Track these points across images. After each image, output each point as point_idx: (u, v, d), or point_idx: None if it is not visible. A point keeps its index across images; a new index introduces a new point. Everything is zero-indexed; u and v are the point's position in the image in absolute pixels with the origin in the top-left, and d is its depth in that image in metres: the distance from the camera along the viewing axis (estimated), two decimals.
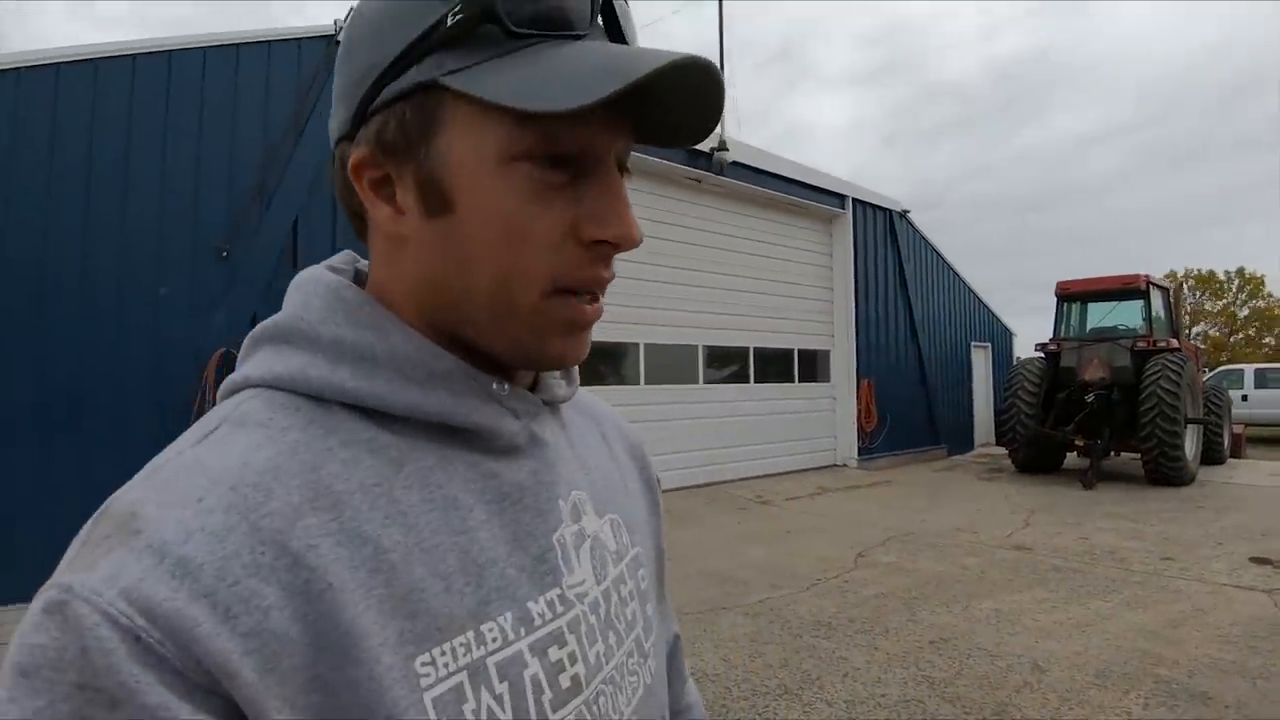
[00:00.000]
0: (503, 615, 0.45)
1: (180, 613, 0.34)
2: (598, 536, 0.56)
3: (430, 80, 0.44)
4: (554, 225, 0.45)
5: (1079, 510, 8.19)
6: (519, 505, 0.50)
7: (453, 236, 0.46)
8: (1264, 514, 7.84)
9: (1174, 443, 9.48)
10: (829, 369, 12.13)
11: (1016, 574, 5.56)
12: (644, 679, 0.57)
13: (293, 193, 5.93)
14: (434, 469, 0.46)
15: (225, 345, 5.50)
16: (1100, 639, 4.16)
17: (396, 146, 0.46)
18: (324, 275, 0.51)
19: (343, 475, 0.43)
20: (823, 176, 11.67)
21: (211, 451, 0.41)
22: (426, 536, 0.44)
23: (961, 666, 3.83)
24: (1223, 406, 12.07)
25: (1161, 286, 11.86)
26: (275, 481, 0.40)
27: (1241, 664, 3.78)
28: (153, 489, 0.39)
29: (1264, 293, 42.32)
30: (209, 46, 5.58)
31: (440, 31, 0.43)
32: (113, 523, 0.38)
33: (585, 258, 0.47)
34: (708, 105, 0.47)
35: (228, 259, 5.60)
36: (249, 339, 0.50)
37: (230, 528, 0.37)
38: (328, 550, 0.39)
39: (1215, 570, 5.60)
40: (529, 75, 0.42)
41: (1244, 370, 18.70)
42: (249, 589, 0.36)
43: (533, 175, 0.44)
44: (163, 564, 0.35)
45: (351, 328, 0.47)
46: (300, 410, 0.45)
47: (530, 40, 0.43)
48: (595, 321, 0.50)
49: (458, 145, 0.44)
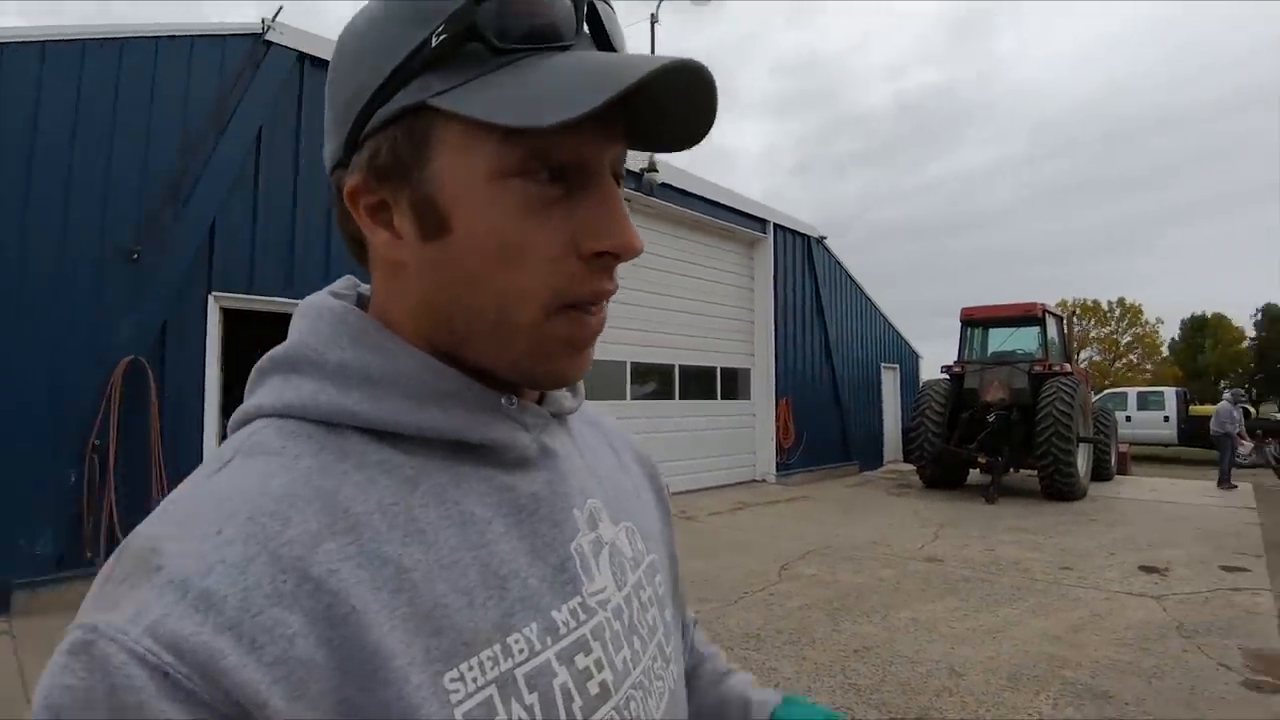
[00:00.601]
0: (528, 626, 0.45)
1: (206, 646, 0.34)
2: (615, 544, 0.56)
3: (418, 103, 0.43)
4: (552, 240, 0.45)
5: (983, 524, 8.61)
6: (535, 516, 0.50)
7: (450, 258, 0.45)
8: (1149, 526, 8.44)
9: (1068, 460, 10.12)
10: (749, 387, 12.42)
11: (929, 584, 5.80)
12: (668, 684, 0.57)
13: (211, 193, 5.67)
14: (449, 486, 0.46)
15: (134, 353, 5.20)
16: (1010, 644, 4.39)
17: (390, 171, 0.45)
18: (327, 301, 0.51)
19: (359, 498, 0.42)
20: (747, 201, 12.00)
21: (226, 483, 0.41)
22: (446, 553, 0.44)
23: (885, 674, 3.96)
24: (1110, 427, 12.93)
25: (1056, 314, 12.69)
26: (292, 509, 0.40)
27: (1137, 664, 4.06)
28: (171, 524, 0.39)
29: (1142, 320, 45.76)
30: (126, 38, 5.30)
31: (425, 53, 0.43)
32: (133, 560, 0.37)
33: (586, 271, 0.46)
34: (700, 108, 0.46)
35: (139, 261, 5.29)
36: (256, 370, 0.49)
37: (250, 558, 0.37)
38: (349, 574, 0.39)
39: (1109, 578, 5.99)
40: (516, 90, 0.42)
41: (1128, 393, 20.16)
42: (273, 618, 0.36)
43: (527, 191, 0.44)
44: (186, 598, 0.35)
45: (358, 351, 0.47)
46: (312, 437, 0.44)
47: (516, 55, 0.43)
48: (597, 335, 0.49)
49: (450, 166, 0.44)
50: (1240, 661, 4.10)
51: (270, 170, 6.07)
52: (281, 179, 6.15)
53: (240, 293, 5.90)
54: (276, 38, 6.04)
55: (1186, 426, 18.13)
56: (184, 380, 5.57)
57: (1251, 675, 3.90)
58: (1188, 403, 19.29)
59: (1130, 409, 19.08)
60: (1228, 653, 4.23)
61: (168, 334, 5.48)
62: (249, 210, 5.95)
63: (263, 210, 6.02)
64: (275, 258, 6.10)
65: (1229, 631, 4.62)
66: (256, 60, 5.94)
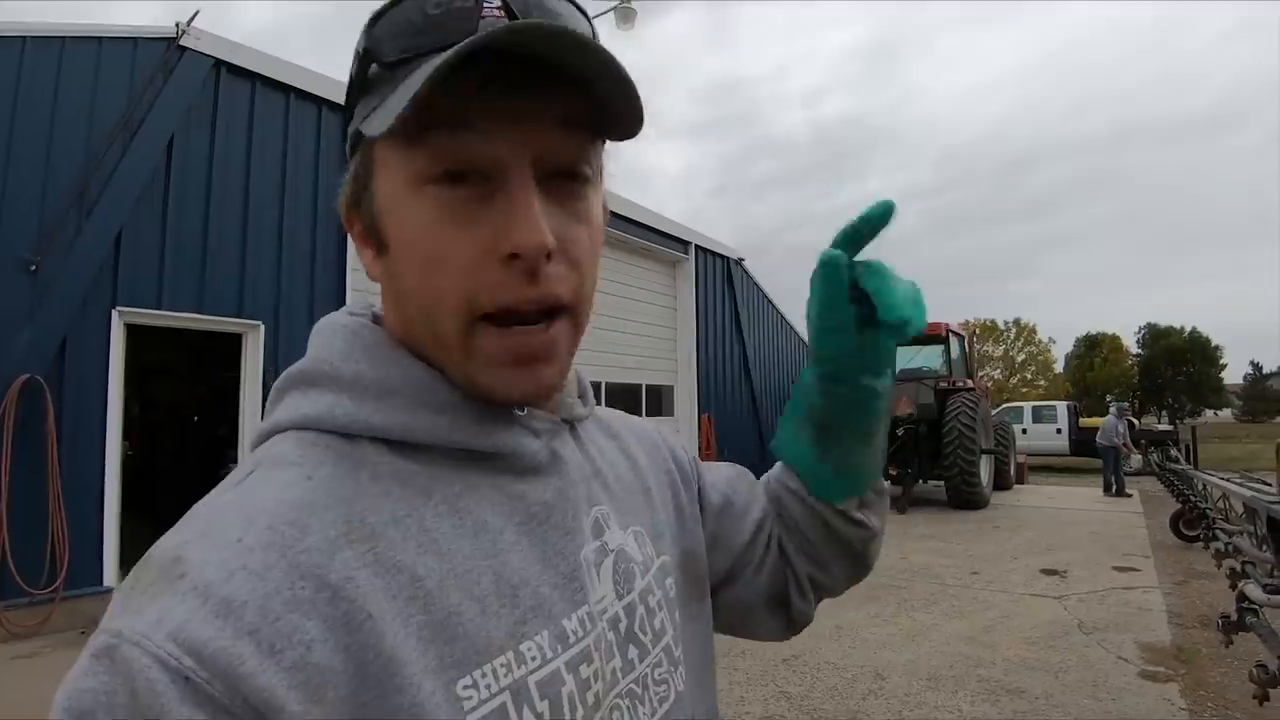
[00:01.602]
0: (540, 634, 0.46)
1: (226, 651, 0.35)
2: (622, 550, 0.56)
3: (355, 131, 0.47)
4: (468, 244, 0.44)
5: (897, 532, 8.93)
6: (547, 524, 0.50)
7: (393, 272, 0.48)
8: (1048, 531, 8.97)
9: (972, 471, 10.65)
10: (673, 403, 12.56)
11: (850, 592, 5.88)
12: (675, 686, 0.57)
13: (118, 203, 5.36)
14: (462, 494, 0.47)
15: (30, 371, 4.87)
16: (928, 647, 4.59)
17: (356, 197, 0.49)
18: (341, 318, 0.52)
19: (375, 507, 0.43)
20: (670, 223, 12.22)
21: (247, 493, 0.42)
22: (460, 562, 0.44)
23: (814, 680, 4.09)
24: (1009, 439, 13.69)
25: (958, 334, 13.36)
26: (311, 517, 0.41)
27: (1045, 661, 4.31)
28: (193, 533, 0.40)
29: (1036, 339, 48.59)
30: (29, 36, 4.99)
31: (354, 85, 0.47)
32: (157, 568, 0.38)
33: (501, 277, 0.45)
34: (608, 81, 0.44)
35: (37, 273, 4.97)
36: (275, 388, 0.51)
37: (270, 565, 0.38)
38: (365, 581, 0.40)
39: (1015, 581, 6.33)
40: (390, 100, 0.43)
41: (1024, 408, 21.36)
42: (291, 624, 0.37)
43: (437, 197, 0.44)
44: (207, 604, 0.36)
45: (371, 364, 0.48)
46: (330, 447, 0.45)
47: (406, 66, 0.44)
48: (550, 350, 0.48)
49: (380, 184, 0.47)
50: (1136, 654, 4.41)
51: (182, 181, 5.80)
52: (194, 190, 5.89)
53: (147, 308, 5.60)
54: (192, 43, 5.80)
55: (1077, 438, 19.31)
56: (84, 400, 5.24)
57: (1147, 666, 4.21)
58: (1078, 415, 20.58)
59: (1026, 422, 20.19)
60: (1124, 646, 4.55)
61: (67, 351, 5.15)
62: (158, 222, 5.65)
63: (173, 222, 5.73)
64: (186, 272, 5.81)
65: (1124, 627, 4.96)
66: (170, 65, 5.69)
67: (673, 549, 0.64)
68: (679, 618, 0.61)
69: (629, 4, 8.89)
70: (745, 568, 0.72)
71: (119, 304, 5.44)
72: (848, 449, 0.65)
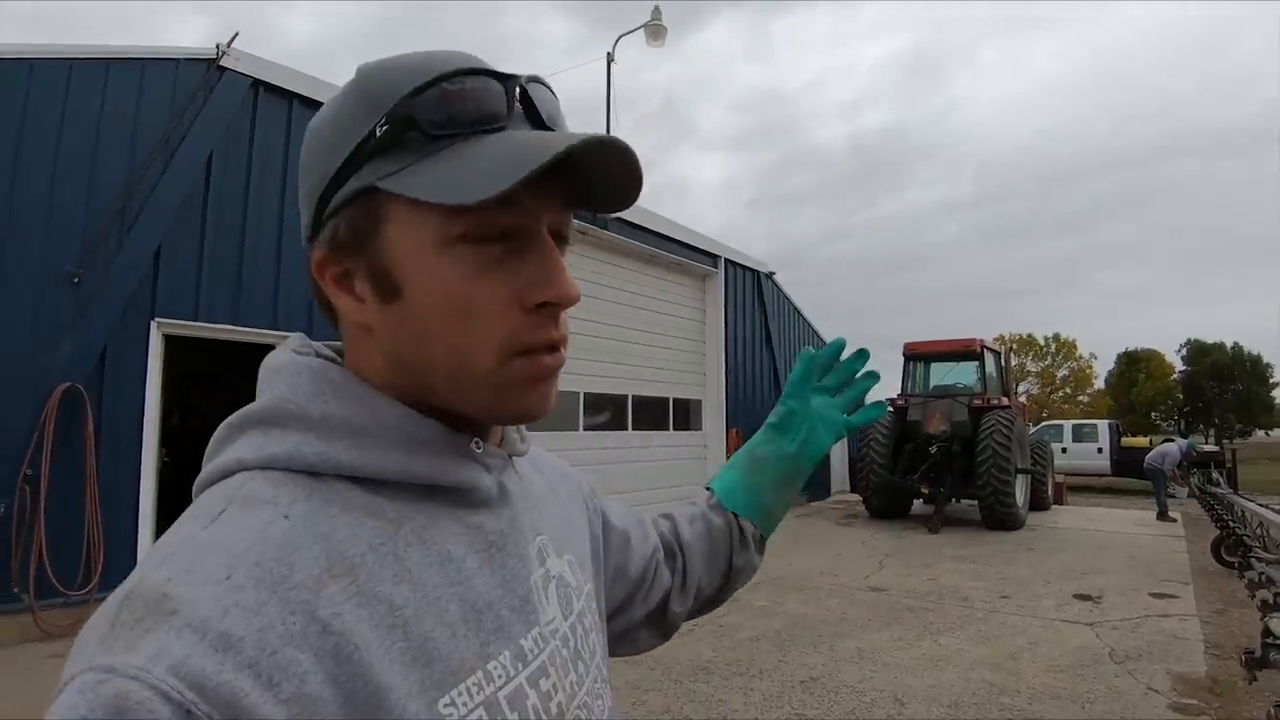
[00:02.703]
0: (502, 654, 0.50)
1: (229, 684, 0.36)
2: (561, 576, 0.61)
3: (369, 185, 0.49)
4: (496, 296, 0.49)
5: (928, 553, 8.80)
6: (503, 552, 0.55)
7: (407, 318, 0.50)
8: (1084, 555, 8.75)
9: (1007, 490, 10.42)
10: (701, 417, 12.51)
11: (875, 614, 5.91)
12: (607, 702, 0.62)
13: (158, 218, 5.54)
14: (427, 526, 0.50)
15: (71, 380, 5.04)
16: (951, 672, 4.50)
17: (349, 245, 0.51)
18: (301, 359, 0.54)
19: (351, 540, 0.46)
20: (699, 237, 12.20)
21: (226, 531, 0.43)
22: (430, 590, 0.47)
23: (831, 704, 4.03)
24: (1046, 458, 13.35)
25: (994, 350, 13.14)
26: (294, 554, 0.43)
27: (1072, 690, 4.20)
28: (178, 570, 0.41)
29: (1076, 355, 47.57)
30: (76, 59, 5.19)
31: (371, 142, 0.49)
32: (143, 606, 0.39)
33: (531, 321, 0.50)
34: (622, 175, 0.52)
35: (79, 285, 5.15)
36: (227, 426, 0.52)
37: (262, 601, 0.40)
38: (351, 614, 0.42)
39: (1046, 606, 6.18)
40: (449, 172, 0.47)
41: (1063, 425, 20.85)
42: (286, 657, 0.38)
43: (472, 254, 0.49)
44: (205, 639, 0.37)
45: (340, 404, 0.51)
46: (300, 485, 0.47)
47: (450, 140, 0.48)
48: (558, 370, 0.54)
49: (399, 237, 0.49)
50: (1168, 685, 4.28)
51: (220, 197, 5.97)
52: (231, 206, 6.06)
53: (185, 319, 5.77)
54: (231, 63, 5.98)
55: (1119, 458, 18.82)
56: (123, 408, 5.40)
57: (1179, 699, 4.08)
58: (1120, 435, 20.05)
59: (1066, 441, 19.73)
60: (1156, 677, 4.41)
61: (107, 360, 5.32)
62: (196, 237, 5.83)
63: (211, 237, 5.90)
64: (222, 285, 5.98)
65: (1158, 656, 4.81)
66: (209, 85, 5.88)
67: (594, 578, 0.72)
68: (603, 641, 0.68)
69: (659, 22, 8.96)
70: (636, 594, 0.82)
71: (158, 315, 5.61)
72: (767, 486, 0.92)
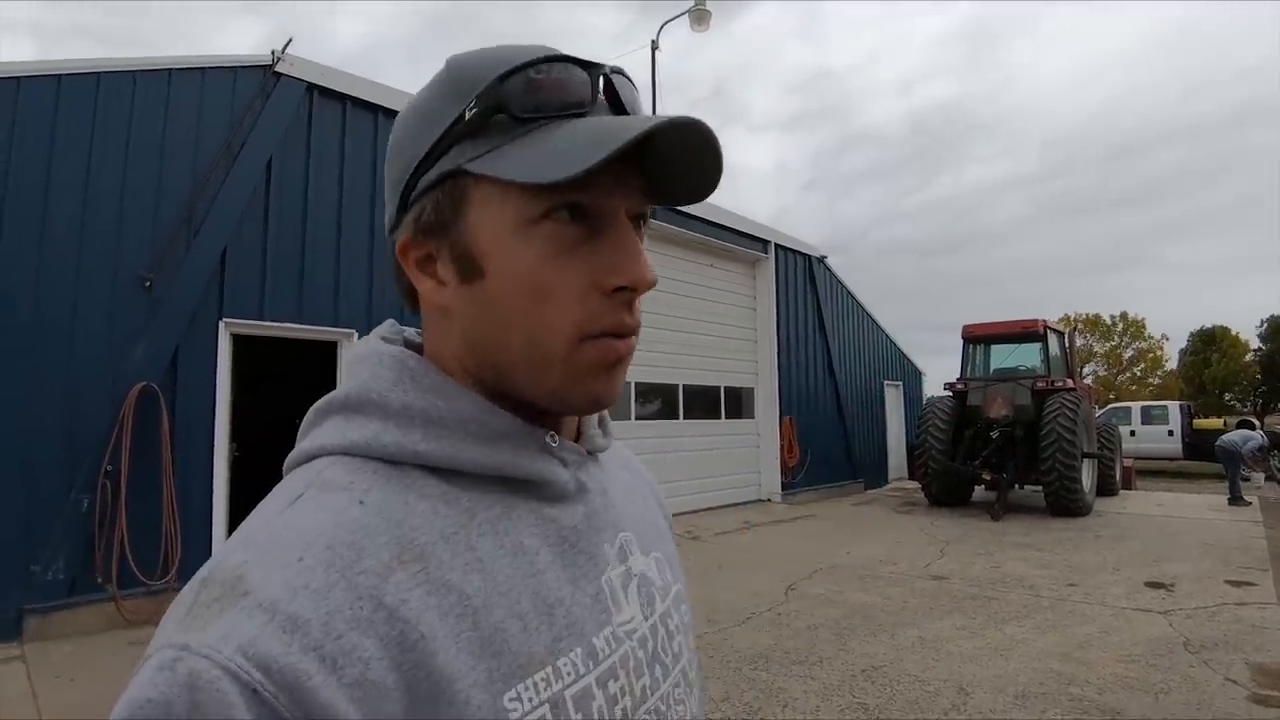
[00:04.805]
0: (574, 651, 0.49)
1: (294, 667, 0.36)
2: (645, 574, 0.60)
3: (455, 168, 0.50)
4: (575, 279, 0.50)
5: (989, 540, 8.61)
6: (577, 548, 0.54)
7: (487, 299, 0.51)
8: (1155, 541, 8.44)
9: (1072, 476, 10.12)
10: (753, 406, 12.45)
11: (936, 602, 5.81)
12: (690, 708, 0.61)
13: (223, 222, 5.76)
14: (501, 517, 0.51)
15: (146, 380, 5.27)
16: (1017, 662, 4.40)
17: (433, 227, 0.52)
18: (384, 347, 0.55)
19: (424, 527, 0.46)
20: (748, 222, 12.11)
21: (302, 515, 0.44)
22: (502, 581, 0.47)
23: (893, 693, 3.98)
24: (1114, 442, 12.91)
25: (1057, 330, 12.73)
26: (366, 539, 0.43)
27: (1145, 680, 4.07)
28: (253, 552, 0.42)
29: (1145, 335, 45.76)
30: (140, 70, 5.42)
31: (461, 125, 0.50)
32: (219, 587, 0.40)
33: (607, 305, 0.51)
34: (705, 159, 0.52)
35: (151, 289, 5.38)
36: (314, 411, 0.54)
37: (331, 584, 0.40)
38: (418, 601, 0.43)
39: (1115, 595, 5.99)
40: (535, 153, 0.47)
41: (1131, 408, 20.11)
42: (351, 642, 0.39)
43: (553, 233, 0.49)
44: (274, 621, 0.38)
45: (419, 394, 0.51)
46: (377, 472, 0.48)
47: (537, 123, 0.49)
48: (628, 356, 0.54)
49: (483, 218, 0.50)
50: (1247, 676, 4.11)
51: (280, 199, 6.16)
52: (291, 207, 6.25)
53: (251, 319, 5.98)
54: (286, 69, 6.16)
55: (1191, 440, 18.09)
56: (195, 405, 5.63)
57: (1259, 690, 3.92)
58: (1192, 416, 19.26)
59: (1135, 423, 19.04)
60: (1234, 667, 4.25)
61: (179, 360, 5.55)
62: (259, 238, 6.03)
63: (273, 238, 6.11)
64: (285, 284, 6.18)
65: (1236, 646, 4.63)
66: (266, 91, 6.06)
67: (683, 579, 0.70)
68: (692, 645, 0.66)
69: (703, 7, 8.88)
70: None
71: (225, 315, 5.83)
72: None
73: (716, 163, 0.52)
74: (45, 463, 4.90)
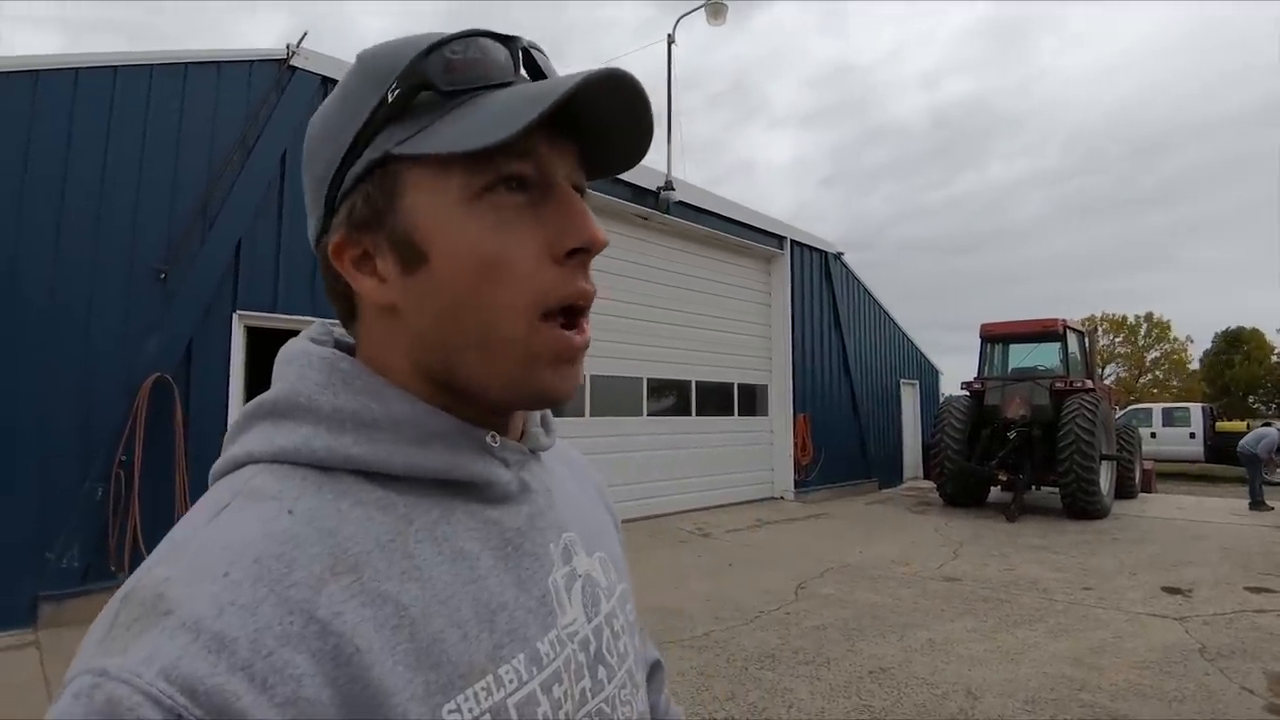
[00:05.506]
0: (516, 658, 0.48)
1: (221, 688, 0.35)
2: (590, 575, 0.59)
3: (384, 154, 0.48)
4: (526, 247, 0.48)
5: (1004, 542, 8.52)
6: (520, 550, 0.52)
7: (434, 285, 0.48)
8: (1174, 546, 8.31)
9: (1090, 478, 9.99)
10: (767, 403, 12.39)
11: (948, 604, 5.75)
12: (636, 708, 0.60)
13: (238, 215, 5.79)
14: (440, 521, 0.49)
15: (160, 371, 5.32)
16: (1028, 666, 4.34)
17: (367, 221, 0.49)
18: (313, 349, 0.53)
19: (358, 536, 0.44)
20: (763, 218, 12.03)
21: (228, 526, 0.42)
22: (441, 589, 0.46)
23: (900, 695, 3.94)
24: (1134, 443, 12.74)
25: (1077, 330, 12.57)
26: (296, 550, 0.41)
27: (1159, 688, 4.00)
28: (176, 568, 0.40)
29: (1170, 336, 45.06)
30: (156, 64, 5.45)
31: (384, 110, 0.48)
32: (140, 606, 0.38)
33: (562, 274, 0.49)
34: (637, 120, 0.51)
35: (166, 281, 5.42)
36: (241, 416, 0.51)
37: (260, 600, 0.38)
38: (353, 614, 0.41)
39: (1131, 599, 5.90)
40: (468, 123, 0.46)
41: (1152, 409, 19.88)
42: (282, 659, 0.37)
43: (493, 207, 0.48)
44: (198, 640, 0.36)
45: (350, 396, 0.49)
46: (307, 479, 0.46)
47: (464, 96, 0.48)
48: (583, 351, 0.52)
49: (420, 202, 0.48)
50: (1264, 685, 4.03)
51: (294, 192, 6.19)
52: (304, 201, 6.27)
53: (264, 311, 6.02)
54: (301, 63, 6.18)
55: (1213, 443, 17.82)
56: (208, 397, 5.68)
57: (1275, 699, 3.84)
58: (1215, 419, 18.98)
59: (1156, 425, 18.82)
60: (1251, 676, 4.17)
61: (193, 352, 5.60)
62: (273, 231, 6.07)
63: (286, 231, 6.14)
64: (298, 277, 6.21)
65: (1253, 654, 4.54)
66: (281, 85, 6.08)
67: (628, 578, 0.69)
68: (638, 644, 0.66)
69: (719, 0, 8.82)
70: None
71: (239, 308, 5.87)
72: None
73: (646, 119, 0.52)
74: (60, 452, 4.95)
